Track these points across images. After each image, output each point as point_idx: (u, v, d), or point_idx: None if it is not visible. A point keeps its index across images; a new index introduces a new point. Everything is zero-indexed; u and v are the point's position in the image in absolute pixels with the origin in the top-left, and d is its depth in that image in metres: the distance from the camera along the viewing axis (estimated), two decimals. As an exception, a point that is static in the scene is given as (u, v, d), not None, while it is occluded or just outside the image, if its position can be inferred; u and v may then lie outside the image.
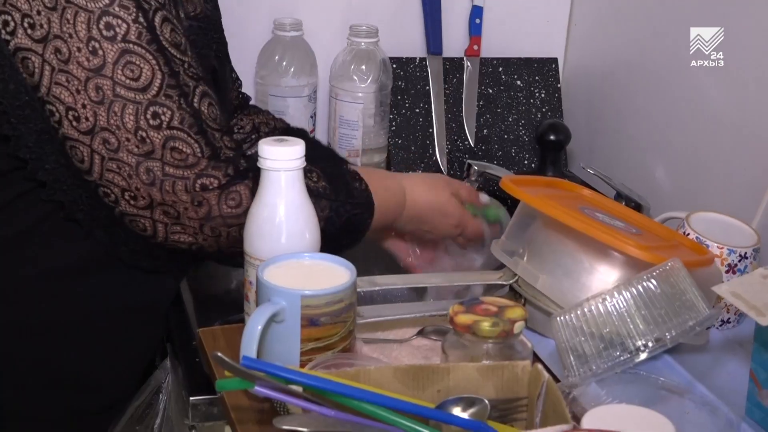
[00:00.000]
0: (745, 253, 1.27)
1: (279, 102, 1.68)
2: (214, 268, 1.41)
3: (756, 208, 1.37)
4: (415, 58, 1.80)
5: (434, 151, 1.78)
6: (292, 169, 1.10)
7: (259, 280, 1.05)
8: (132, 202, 1.14)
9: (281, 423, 0.88)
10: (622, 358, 1.04)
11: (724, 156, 1.49)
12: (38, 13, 1.10)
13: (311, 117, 1.72)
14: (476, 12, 1.82)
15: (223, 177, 1.14)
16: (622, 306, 1.05)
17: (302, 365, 1.02)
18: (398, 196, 1.31)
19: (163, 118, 1.12)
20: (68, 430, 1.30)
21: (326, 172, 1.23)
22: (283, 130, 1.53)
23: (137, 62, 1.11)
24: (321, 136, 1.78)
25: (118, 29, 1.11)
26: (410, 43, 1.82)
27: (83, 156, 1.13)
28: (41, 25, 1.10)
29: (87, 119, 1.11)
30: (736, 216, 1.33)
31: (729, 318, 1.28)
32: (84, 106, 1.11)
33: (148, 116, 1.12)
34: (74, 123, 1.12)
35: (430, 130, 1.79)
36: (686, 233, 1.29)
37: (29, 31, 1.10)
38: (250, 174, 1.15)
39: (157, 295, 1.30)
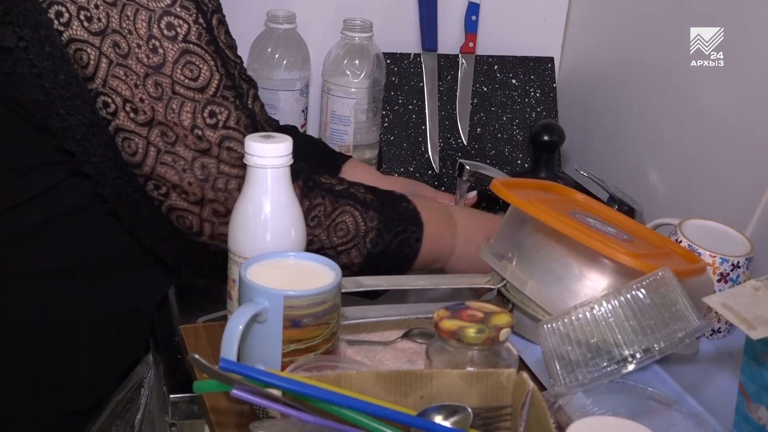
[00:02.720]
0: (738, 262, 1.25)
1: (270, 95, 1.66)
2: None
3: (750, 216, 1.35)
4: (410, 54, 1.78)
5: (426, 148, 1.76)
6: (279, 167, 1.08)
7: (241, 279, 1.03)
8: (183, 196, 1.14)
9: (258, 428, 0.87)
10: (609, 368, 1.02)
11: (719, 162, 1.47)
12: (96, 7, 1.10)
13: (303, 111, 1.70)
14: (472, 9, 1.80)
15: None
16: (610, 315, 1.03)
17: (284, 367, 1.00)
18: (450, 227, 1.29)
19: (219, 117, 1.14)
20: (52, 429, 1.29)
21: (371, 188, 1.24)
22: (275, 128, 1.51)
23: (197, 62, 1.12)
24: (312, 131, 1.76)
25: (179, 29, 1.11)
26: (405, 38, 1.80)
27: (137, 148, 1.13)
28: (99, 19, 1.10)
29: (145, 112, 1.12)
30: (730, 224, 1.32)
31: (720, 328, 1.27)
32: (142, 100, 1.11)
33: (206, 115, 1.13)
34: (131, 114, 1.12)
35: (423, 128, 1.77)
36: (678, 240, 1.27)
37: (86, 23, 1.10)
38: (300, 174, 1.17)
39: (147, 298, 1.29)
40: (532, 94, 1.82)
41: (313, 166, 1.43)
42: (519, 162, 1.80)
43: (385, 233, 1.21)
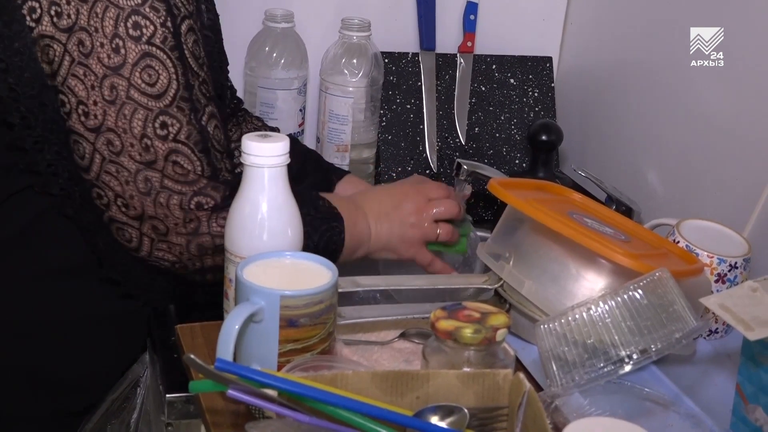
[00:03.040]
0: (736, 262, 1.25)
1: (268, 94, 1.66)
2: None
3: (748, 216, 1.35)
4: (408, 53, 1.78)
5: (424, 148, 1.76)
6: (276, 166, 1.08)
7: (238, 279, 1.03)
8: (123, 209, 1.13)
9: (254, 428, 0.87)
10: (605, 369, 1.02)
11: (718, 162, 1.47)
12: (67, 2, 1.09)
13: (300, 110, 1.70)
14: (471, 8, 1.80)
15: (220, 199, 1.14)
16: (607, 316, 1.03)
17: (280, 367, 1.00)
18: (359, 211, 1.28)
19: (170, 129, 1.12)
20: (51, 430, 1.29)
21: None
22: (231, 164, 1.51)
23: (156, 67, 1.11)
24: (310, 130, 1.76)
25: (144, 30, 1.10)
26: (403, 37, 1.80)
27: (84, 153, 1.12)
28: (69, 15, 1.09)
29: (96, 117, 1.10)
30: (728, 224, 1.32)
31: (717, 328, 1.27)
32: (95, 103, 1.10)
33: (156, 125, 1.11)
34: (82, 118, 1.11)
35: (421, 127, 1.76)
36: (676, 241, 1.27)
37: (55, 19, 1.09)
38: (228, 191, 1.14)
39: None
40: (531, 93, 1.82)
41: (307, 183, 1.43)
42: (517, 162, 1.80)
43: (313, 234, 1.19)
